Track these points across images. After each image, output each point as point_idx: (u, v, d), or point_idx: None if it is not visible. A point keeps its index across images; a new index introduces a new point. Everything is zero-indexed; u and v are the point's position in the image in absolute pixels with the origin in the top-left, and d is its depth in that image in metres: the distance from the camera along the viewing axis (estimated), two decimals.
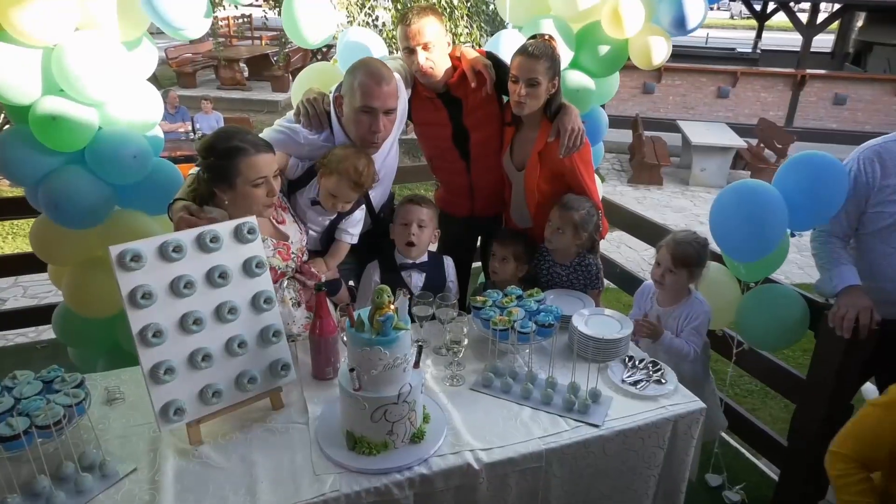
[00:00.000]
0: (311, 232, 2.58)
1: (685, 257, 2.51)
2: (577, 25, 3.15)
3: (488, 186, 2.95)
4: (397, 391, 1.76)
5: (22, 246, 6.14)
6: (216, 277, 1.86)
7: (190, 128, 8.37)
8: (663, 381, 2.19)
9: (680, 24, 2.94)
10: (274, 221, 2.36)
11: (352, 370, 1.77)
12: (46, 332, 4.14)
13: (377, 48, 3.03)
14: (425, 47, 2.57)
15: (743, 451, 3.30)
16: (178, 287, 1.79)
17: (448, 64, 2.69)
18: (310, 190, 2.51)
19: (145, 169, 2.61)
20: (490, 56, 2.76)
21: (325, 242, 2.65)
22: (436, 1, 6.93)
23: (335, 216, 2.58)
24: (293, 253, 2.37)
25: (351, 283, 2.99)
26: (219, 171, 2.09)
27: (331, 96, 2.51)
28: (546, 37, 2.63)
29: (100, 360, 2.99)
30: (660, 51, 3.05)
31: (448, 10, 7.00)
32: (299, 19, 2.88)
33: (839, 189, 2.37)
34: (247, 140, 2.10)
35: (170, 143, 7.29)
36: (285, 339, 2.02)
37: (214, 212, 2.10)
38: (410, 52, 2.59)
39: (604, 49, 3.10)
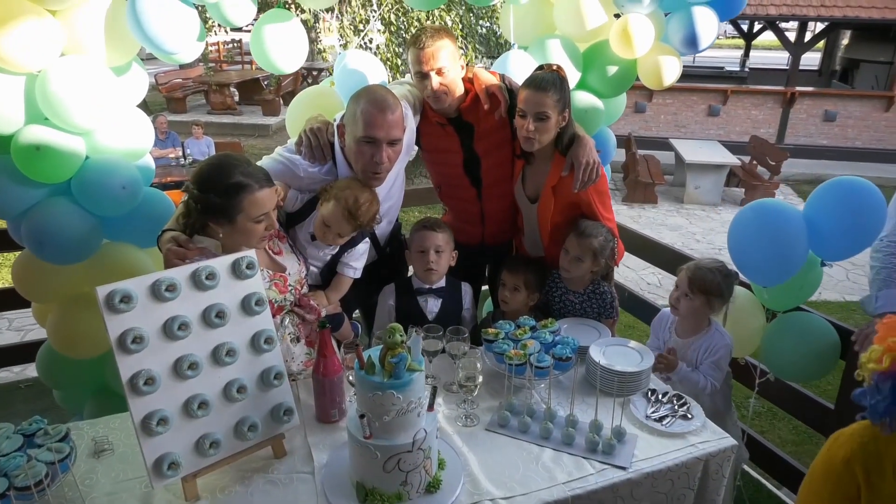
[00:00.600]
0: (311, 268, 2.45)
1: (703, 283, 2.39)
2: (584, 45, 3.07)
3: (500, 213, 2.82)
4: (412, 438, 1.63)
5: (7, 278, 5.96)
6: (213, 317, 1.73)
7: (181, 153, 8.25)
8: (689, 415, 2.07)
9: (691, 43, 2.85)
10: (270, 252, 2.23)
11: (362, 416, 1.63)
12: (31, 369, 3.95)
13: (375, 71, 2.92)
14: (439, 72, 2.44)
15: (764, 481, 3.16)
16: (172, 329, 1.66)
17: (461, 88, 2.57)
18: (309, 224, 2.38)
19: (135, 200, 2.48)
20: (502, 80, 2.64)
21: (326, 277, 2.52)
22: (430, 22, 6.90)
23: (337, 249, 2.45)
24: (290, 285, 2.24)
25: (357, 314, 2.87)
26: (219, 209, 1.94)
27: (334, 125, 2.39)
28: (554, 66, 2.48)
29: (87, 402, 2.82)
30: (670, 70, 2.96)
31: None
32: (268, 48, 2.74)
33: (877, 217, 2.23)
34: (249, 174, 1.95)
35: (160, 168, 7.17)
36: (287, 381, 1.88)
37: (205, 241, 1.97)
38: (423, 76, 2.46)
39: (612, 69, 3.01)
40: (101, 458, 1.85)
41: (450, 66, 2.46)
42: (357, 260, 2.50)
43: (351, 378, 2.04)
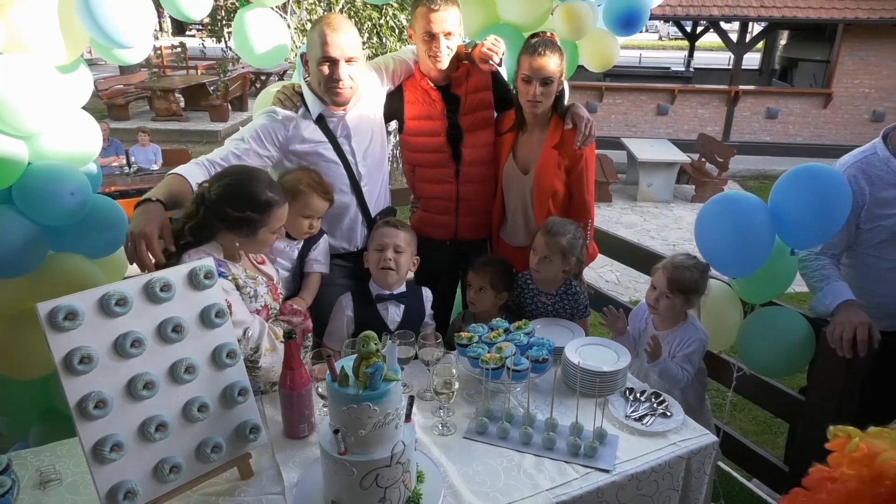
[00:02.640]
0: (281, 272, 2.40)
1: (682, 282, 2.36)
2: (528, 34, 3.09)
3: (475, 199, 2.80)
4: (389, 451, 1.53)
5: None
6: (169, 332, 1.60)
7: (125, 161, 7.90)
8: (669, 413, 2.04)
9: (627, 24, 2.95)
10: (254, 262, 2.18)
11: (336, 431, 1.52)
12: None
13: None
14: (447, 35, 2.54)
15: (735, 474, 3.17)
16: (124, 346, 1.53)
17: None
18: None
19: (84, 207, 2.30)
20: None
21: (295, 282, 2.53)
22: (383, 21, 6.81)
23: (301, 245, 2.48)
24: (281, 293, 2.24)
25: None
26: (250, 223, 1.99)
27: (299, 68, 2.55)
28: (548, 33, 2.59)
29: (33, 428, 2.62)
30: (611, 51, 3.10)
31: (377, 27, 6.88)
32: (251, 37, 2.75)
33: (844, 203, 2.24)
34: (275, 190, 2.05)
35: (103, 178, 6.84)
36: (253, 397, 1.76)
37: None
38: (432, 37, 2.54)
39: None
40: (47, 490, 1.70)
41: (457, 32, 2.57)
42: (323, 255, 2.54)
43: (320, 390, 1.94)
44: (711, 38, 14.73)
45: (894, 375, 2.43)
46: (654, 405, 2.07)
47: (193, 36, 15.30)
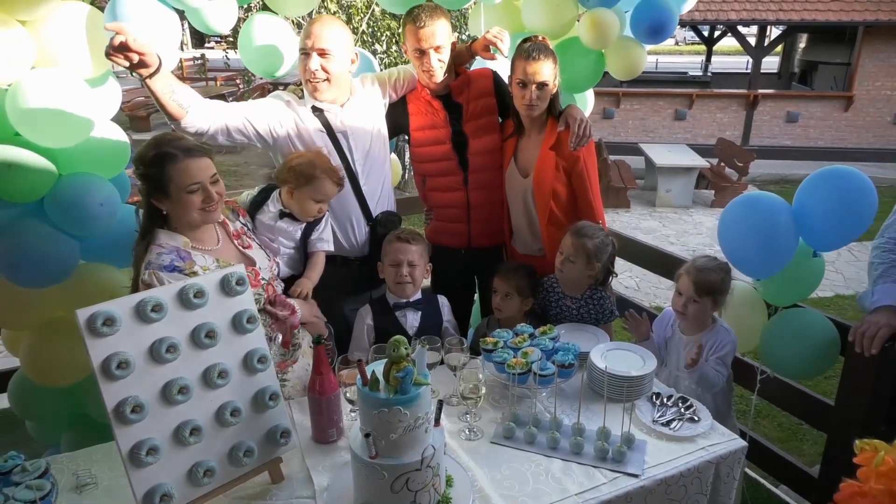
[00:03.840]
0: (284, 250, 2.45)
1: (709, 285, 2.35)
2: (553, 42, 3.10)
3: (486, 205, 2.82)
4: (420, 455, 1.55)
5: None
6: (203, 337, 1.63)
7: None
8: (697, 418, 2.03)
9: (655, 32, 2.95)
10: (240, 247, 2.19)
11: (367, 435, 1.54)
12: (2, 400, 3.74)
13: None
14: (437, 50, 2.58)
15: (762, 480, 3.14)
16: (160, 352, 1.56)
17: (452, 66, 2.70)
18: (271, 205, 2.46)
19: (113, 217, 2.35)
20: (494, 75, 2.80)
21: (301, 260, 2.53)
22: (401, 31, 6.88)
23: (304, 225, 2.48)
24: (263, 279, 2.17)
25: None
26: (151, 181, 1.95)
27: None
28: (539, 37, 2.62)
29: (63, 433, 2.67)
30: (637, 59, 3.09)
31: (396, 36, 6.94)
32: (257, 48, 2.78)
33: (867, 205, 2.25)
34: (176, 146, 1.95)
35: None
36: (283, 401, 1.79)
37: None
38: (422, 53, 2.59)
39: (581, 63, 3.09)
40: (83, 494, 1.73)
41: (446, 44, 2.60)
42: (325, 231, 2.54)
43: (348, 395, 1.96)
44: (729, 42, 14.65)
45: None
46: (682, 410, 2.06)
47: (212, 48, 15.55)
